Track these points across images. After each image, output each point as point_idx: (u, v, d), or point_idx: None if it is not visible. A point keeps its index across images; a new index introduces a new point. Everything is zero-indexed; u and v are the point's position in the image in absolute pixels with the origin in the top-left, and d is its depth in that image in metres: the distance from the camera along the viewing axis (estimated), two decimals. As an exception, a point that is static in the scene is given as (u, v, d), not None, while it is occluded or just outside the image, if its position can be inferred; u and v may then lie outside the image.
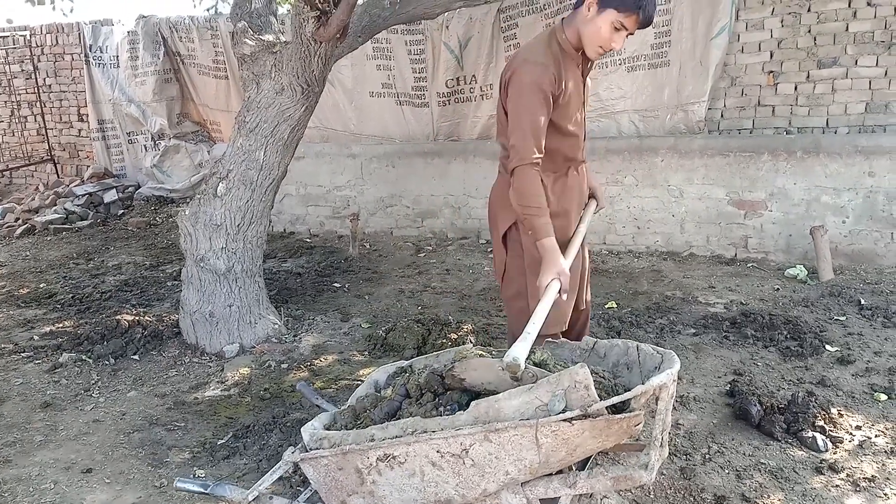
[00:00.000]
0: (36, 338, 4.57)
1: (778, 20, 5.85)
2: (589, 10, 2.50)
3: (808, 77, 5.83)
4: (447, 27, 6.91)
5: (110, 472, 2.97)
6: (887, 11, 5.49)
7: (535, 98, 2.49)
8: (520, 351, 2.02)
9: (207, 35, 8.25)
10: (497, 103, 2.77)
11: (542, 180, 2.57)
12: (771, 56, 5.93)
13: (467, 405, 1.98)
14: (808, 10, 5.74)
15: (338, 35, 3.73)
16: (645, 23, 2.51)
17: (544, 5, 6.52)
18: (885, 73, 5.57)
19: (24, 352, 4.32)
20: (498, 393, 2.18)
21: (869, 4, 5.54)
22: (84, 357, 4.15)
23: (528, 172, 2.50)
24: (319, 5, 3.54)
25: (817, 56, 5.76)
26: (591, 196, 3.05)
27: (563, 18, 2.65)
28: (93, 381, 3.89)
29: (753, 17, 5.94)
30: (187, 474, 2.92)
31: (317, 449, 2.13)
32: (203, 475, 2.92)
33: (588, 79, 2.85)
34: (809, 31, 5.76)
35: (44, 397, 3.69)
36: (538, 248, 2.51)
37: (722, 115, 6.21)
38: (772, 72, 5.95)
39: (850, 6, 5.60)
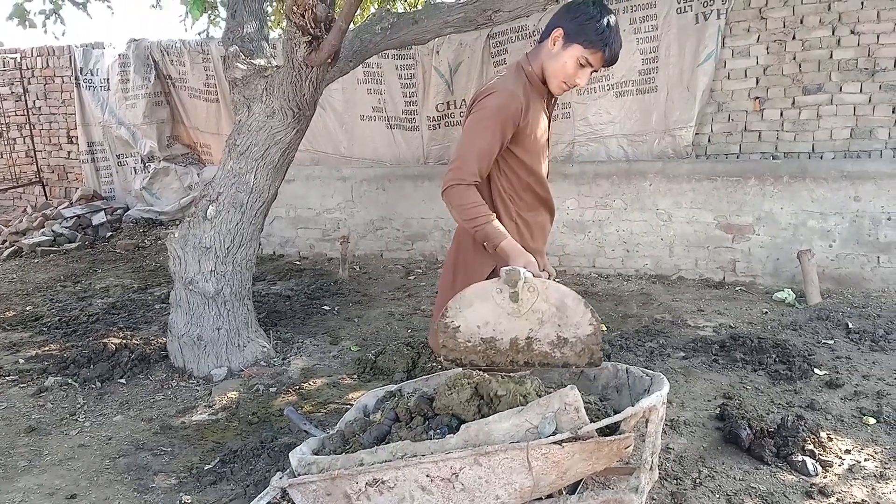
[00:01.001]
0: (21, 361, 4.52)
1: (763, 47, 5.94)
2: (554, 45, 2.47)
3: (793, 103, 5.91)
4: (437, 52, 6.97)
5: (95, 497, 2.93)
6: (870, 39, 5.59)
7: (495, 124, 2.40)
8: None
9: (199, 59, 8.29)
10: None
11: (515, 214, 2.53)
12: (757, 82, 6.01)
13: (457, 429, 1.97)
14: (793, 38, 5.83)
15: (329, 60, 3.75)
16: (610, 61, 2.48)
17: (534, 31, 6.60)
18: (869, 100, 5.66)
19: (8, 375, 4.27)
20: (497, 339, 2.13)
21: (852, 32, 5.64)
22: (70, 381, 4.10)
23: (464, 187, 2.36)
24: (311, 30, 3.56)
25: (802, 83, 5.85)
26: None
27: (527, 53, 2.61)
28: (78, 406, 3.84)
29: (739, 45, 6.03)
30: (173, 500, 2.88)
31: (305, 474, 2.11)
32: (189, 501, 2.88)
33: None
34: (794, 59, 5.85)
35: (28, 422, 3.64)
36: (499, 253, 2.36)
37: (709, 140, 6.28)
38: (758, 98, 6.03)
39: (833, 34, 5.70)
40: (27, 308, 5.83)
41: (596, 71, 2.55)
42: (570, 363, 2.23)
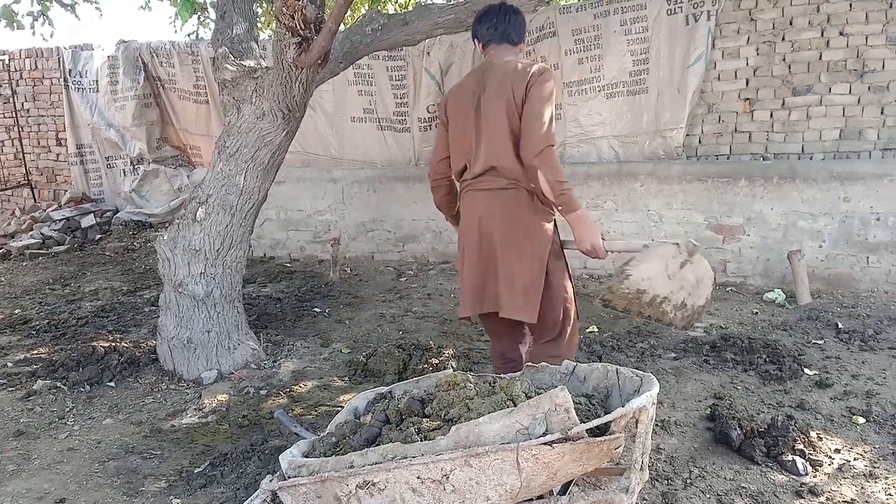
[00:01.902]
0: (9, 365, 4.49)
1: (753, 49, 5.97)
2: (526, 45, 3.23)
3: (783, 104, 5.94)
4: (428, 53, 6.97)
5: (84, 501, 2.91)
6: (859, 41, 5.62)
7: (552, 101, 2.87)
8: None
9: (188, 60, 8.26)
10: (504, 115, 2.89)
11: None
12: (747, 83, 6.04)
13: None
14: (783, 39, 5.86)
15: (319, 61, 3.74)
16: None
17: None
18: (858, 101, 5.69)
19: (-4, 379, 4.25)
20: (644, 293, 2.52)
21: (841, 34, 5.67)
22: (59, 384, 4.08)
23: (553, 149, 2.80)
24: (301, 31, 3.55)
25: (792, 84, 5.88)
26: None
27: (512, 54, 3.15)
28: (67, 409, 3.81)
29: (729, 46, 6.05)
30: None
31: (295, 477, 2.10)
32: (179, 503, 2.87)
33: None
34: (784, 60, 5.88)
35: (17, 425, 3.62)
36: (571, 219, 2.84)
37: (700, 141, 6.30)
38: (748, 99, 6.05)
39: (823, 35, 5.73)
40: (15, 311, 5.79)
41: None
42: (672, 323, 2.68)
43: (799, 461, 2.95)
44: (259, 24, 7.17)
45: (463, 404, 2.10)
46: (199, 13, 7.83)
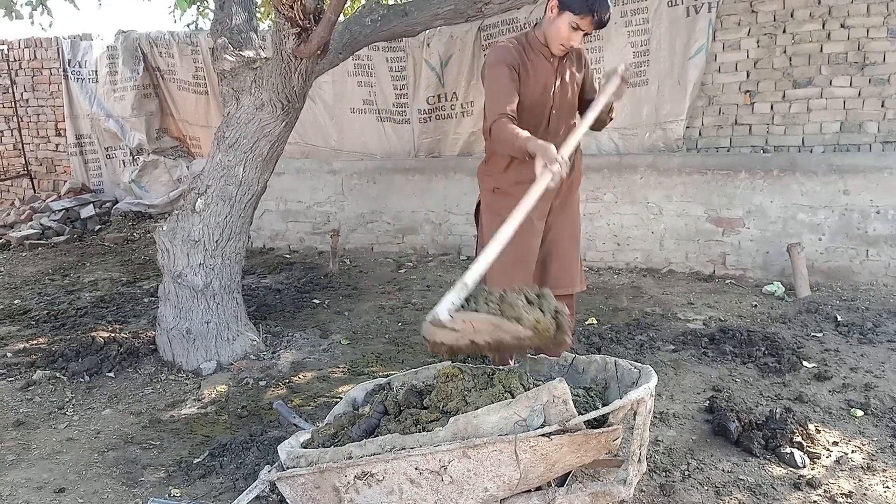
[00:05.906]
0: (9, 355, 4.49)
1: (754, 41, 5.95)
2: (551, 12, 2.92)
3: (783, 97, 5.92)
4: (428, 45, 6.94)
5: (83, 491, 2.92)
6: (860, 33, 5.60)
7: (499, 69, 2.95)
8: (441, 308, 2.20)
9: (188, 50, 8.23)
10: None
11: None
12: (747, 76, 6.02)
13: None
14: (784, 32, 5.84)
15: (318, 51, 3.73)
16: (599, 24, 2.92)
17: (524, 24, 6.58)
18: (859, 94, 5.67)
19: (-4, 369, 4.25)
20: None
21: (842, 26, 5.65)
22: (58, 374, 4.08)
23: (499, 123, 2.86)
24: (300, 22, 3.54)
25: (793, 76, 5.86)
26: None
27: (535, 24, 3.14)
28: (67, 399, 3.82)
29: (730, 38, 6.03)
30: (162, 494, 2.87)
31: (294, 467, 2.11)
32: (178, 495, 2.87)
33: (576, 74, 3.23)
34: (785, 52, 5.86)
35: (16, 415, 3.62)
36: (531, 152, 2.65)
37: (700, 134, 6.28)
38: (748, 91, 6.03)
39: (824, 28, 5.70)
40: (15, 301, 5.79)
41: (588, 34, 3.01)
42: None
43: (797, 454, 2.95)
44: (258, 15, 7.15)
45: (461, 396, 2.11)
46: (198, 3, 7.79)
